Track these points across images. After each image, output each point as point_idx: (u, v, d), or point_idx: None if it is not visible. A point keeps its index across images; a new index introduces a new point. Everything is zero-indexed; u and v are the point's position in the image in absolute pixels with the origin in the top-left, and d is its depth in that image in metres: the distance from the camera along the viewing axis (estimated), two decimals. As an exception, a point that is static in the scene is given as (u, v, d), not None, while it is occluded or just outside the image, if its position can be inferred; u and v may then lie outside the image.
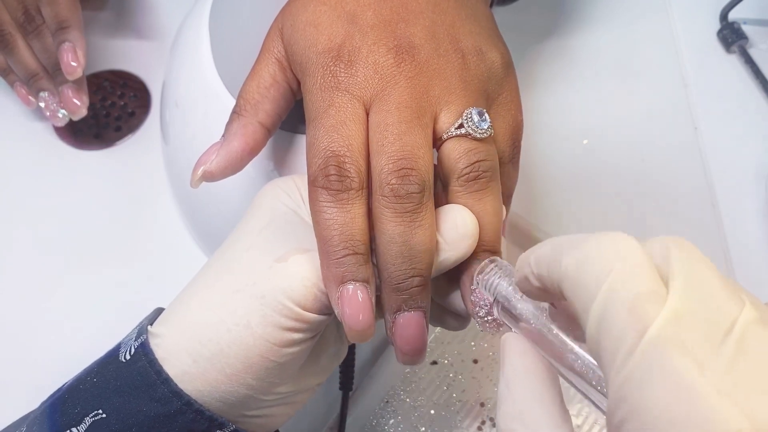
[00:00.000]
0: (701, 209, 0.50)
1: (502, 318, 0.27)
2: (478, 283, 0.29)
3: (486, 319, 0.29)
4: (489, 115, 0.31)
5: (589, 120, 0.54)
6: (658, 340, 0.18)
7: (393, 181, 0.28)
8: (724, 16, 0.58)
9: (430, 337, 0.45)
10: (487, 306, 0.29)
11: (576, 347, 0.23)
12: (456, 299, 0.31)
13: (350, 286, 0.27)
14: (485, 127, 0.29)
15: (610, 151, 0.53)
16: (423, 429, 0.43)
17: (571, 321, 0.24)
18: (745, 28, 0.57)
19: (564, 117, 0.54)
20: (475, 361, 0.45)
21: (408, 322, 0.28)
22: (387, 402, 0.43)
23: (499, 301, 0.27)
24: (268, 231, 0.31)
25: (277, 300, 0.28)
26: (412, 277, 0.28)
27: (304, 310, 0.28)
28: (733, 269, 0.48)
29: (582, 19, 0.59)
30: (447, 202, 0.30)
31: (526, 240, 0.47)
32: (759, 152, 0.53)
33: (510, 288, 0.27)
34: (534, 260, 0.24)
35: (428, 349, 0.45)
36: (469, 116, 0.29)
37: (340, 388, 0.42)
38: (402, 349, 0.29)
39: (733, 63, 0.57)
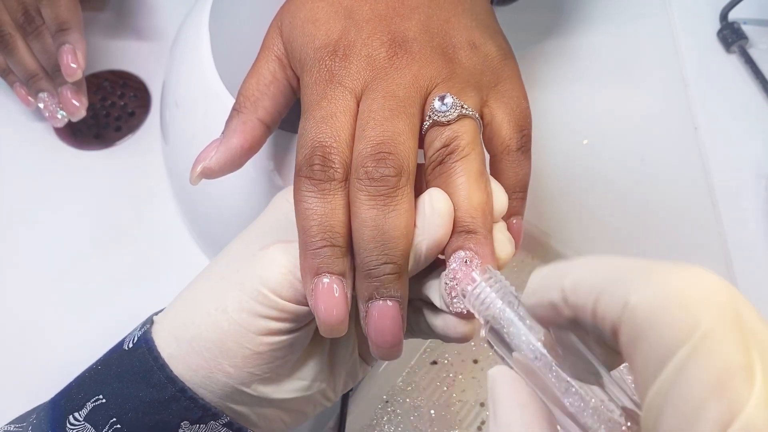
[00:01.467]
0: (701, 209, 0.50)
1: (491, 340, 0.24)
2: (465, 296, 0.26)
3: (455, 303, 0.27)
4: (489, 104, 0.31)
5: (589, 120, 0.54)
6: None
7: (368, 164, 0.27)
8: (724, 16, 0.58)
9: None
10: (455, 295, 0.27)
11: (581, 391, 0.20)
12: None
13: (325, 279, 0.27)
14: (445, 110, 0.29)
15: (610, 151, 0.53)
16: (423, 429, 0.42)
17: (573, 356, 0.21)
18: (745, 28, 0.57)
19: (564, 117, 0.54)
20: (475, 361, 0.45)
21: (381, 311, 0.27)
22: (387, 402, 0.43)
23: (489, 323, 0.24)
24: (266, 226, 0.31)
25: (254, 287, 0.28)
26: (385, 263, 0.27)
27: (280, 298, 0.28)
28: (733, 270, 0.48)
29: (582, 19, 0.59)
30: None
31: (523, 240, 0.47)
32: (759, 152, 0.53)
33: (508, 310, 0.24)
34: (571, 285, 0.19)
35: (428, 349, 0.45)
36: (432, 104, 0.29)
37: (340, 388, 0.42)
38: (374, 340, 0.27)
39: (733, 63, 0.57)
